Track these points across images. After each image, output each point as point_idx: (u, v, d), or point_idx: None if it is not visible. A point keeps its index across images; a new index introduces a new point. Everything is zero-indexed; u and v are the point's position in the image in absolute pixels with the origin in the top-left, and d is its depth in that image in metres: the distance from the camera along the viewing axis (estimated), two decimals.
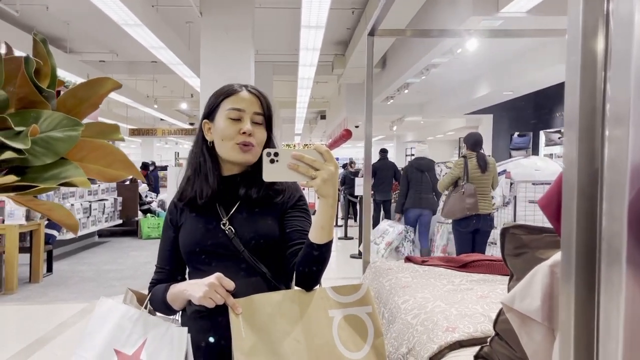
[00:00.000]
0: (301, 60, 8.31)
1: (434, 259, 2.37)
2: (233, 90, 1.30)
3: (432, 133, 18.41)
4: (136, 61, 11.23)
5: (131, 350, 1.17)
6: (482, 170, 4.76)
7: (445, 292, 1.74)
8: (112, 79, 0.81)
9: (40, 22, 8.25)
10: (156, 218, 9.26)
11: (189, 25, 8.36)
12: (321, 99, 16.64)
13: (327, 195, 1.12)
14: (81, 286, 5.58)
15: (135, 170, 0.81)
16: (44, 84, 0.74)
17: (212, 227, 1.28)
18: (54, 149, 0.69)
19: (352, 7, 7.83)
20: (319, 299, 1.20)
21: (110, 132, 0.85)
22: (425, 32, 3.88)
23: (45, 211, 0.83)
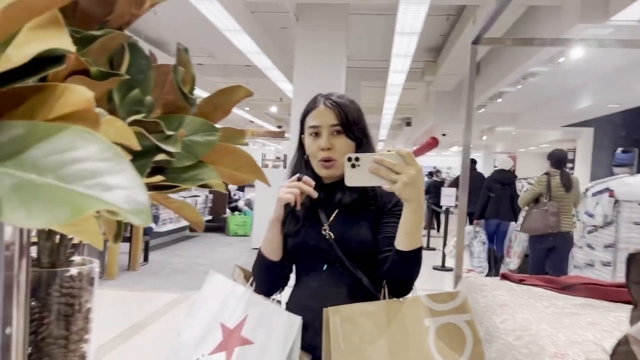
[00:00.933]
0: (392, 67, 8.25)
1: (533, 279, 2.26)
2: (312, 106, 1.34)
3: (523, 145, 17.61)
4: (231, 65, 11.69)
5: (233, 324, 1.21)
6: (567, 190, 4.79)
7: (549, 315, 1.65)
8: (245, 87, 0.85)
9: (148, 26, 8.82)
10: (243, 216, 9.58)
11: (284, 30, 8.58)
12: (407, 106, 16.43)
13: (410, 200, 1.11)
14: (173, 277, 5.89)
15: (261, 175, 0.84)
16: (186, 90, 0.79)
17: (313, 232, 1.32)
18: (194, 152, 0.73)
19: (447, 14, 7.67)
20: (414, 307, 1.18)
21: (237, 137, 0.90)
22: (529, 40, 3.72)
23: (176, 209, 0.88)
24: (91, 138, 0.35)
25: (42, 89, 0.41)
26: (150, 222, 0.33)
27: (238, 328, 1.21)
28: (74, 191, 0.33)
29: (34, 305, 0.71)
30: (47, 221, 0.31)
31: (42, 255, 0.73)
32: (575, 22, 5.02)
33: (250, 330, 1.19)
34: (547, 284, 2.14)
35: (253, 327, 1.20)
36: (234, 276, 1.35)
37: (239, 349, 1.18)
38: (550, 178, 4.86)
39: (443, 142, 13.58)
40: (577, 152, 12.91)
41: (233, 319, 1.23)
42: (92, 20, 0.71)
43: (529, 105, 11.69)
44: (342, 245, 1.28)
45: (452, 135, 16.22)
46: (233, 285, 1.30)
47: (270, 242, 1.30)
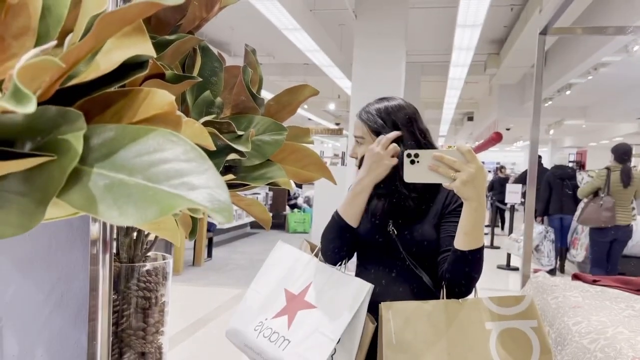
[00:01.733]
0: (453, 60, 8.07)
1: (607, 279, 2.15)
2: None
3: (594, 139, 16.75)
4: (289, 63, 11.82)
5: (298, 290, 1.23)
6: (625, 185, 4.86)
7: (626, 318, 1.56)
8: (310, 86, 0.86)
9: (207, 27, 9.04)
10: (302, 213, 9.67)
11: (342, 27, 8.58)
12: (469, 100, 16.01)
13: (469, 198, 1.07)
14: (236, 273, 6.04)
15: (328, 173, 0.85)
16: (255, 90, 0.81)
17: (380, 228, 1.32)
18: (263, 151, 0.75)
19: (511, 4, 7.41)
20: (475, 309, 1.14)
21: (303, 136, 0.91)
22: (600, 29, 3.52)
23: (245, 206, 0.90)
24: (176, 140, 0.37)
25: (127, 93, 0.43)
26: (232, 219, 0.35)
27: (302, 294, 1.22)
28: (162, 190, 0.35)
29: (114, 298, 0.75)
30: (138, 219, 0.33)
31: (121, 251, 0.77)
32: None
33: (314, 296, 1.20)
34: (623, 285, 2.03)
35: (317, 293, 1.21)
36: (302, 248, 1.38)
37: (300, 313, 1.19)
38: (611, 172, 4.92)
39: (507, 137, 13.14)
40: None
41: (298, 285, 1.25)
42: (166, 26, 0.75)
43: (600, 97, 11.10)
44: (404, 242, 1.28)
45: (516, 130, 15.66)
46: (299, 253, 1.32)
47: (354, 207, 1.28)
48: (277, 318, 1.20)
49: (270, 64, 11.82)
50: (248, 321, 1.23)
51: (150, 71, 0.62)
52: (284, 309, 1.21)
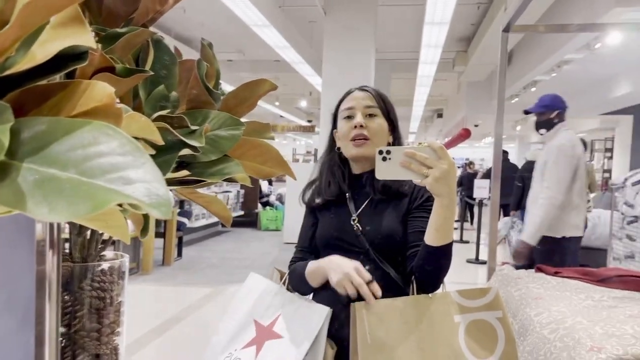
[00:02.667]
0: (422, 58, 8.16)
1: (569, 271, 2.20)
2: (347, 93, 1.38)
3: None
4: (260, 60, 11.75)
5: (267, 321, 1.23)
6: None
7: (584, 308, 1.61)
8: (269, 80, 0.85)
9: (177, 23, 8.94)
10: (274, 211, 9.65)
11: (312, 24, 8.57)
12: (439, 97, 16.21)
13: (441, 195, 1.08)
14: (207, 272, 5.98)
15: (288, 169, 0.84)
16: (211, 85, 0.79)
17: (342, 222, 1.32)
18: (219, 146, 0.73)
19: (478, 2, 7.52)
20: (444, 303, 1.16)
21: (263, 131, 0.90)
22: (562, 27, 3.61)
23: (204, 203, 0.89)
24: (112, 133, 0.36)
25: (65, 85, 0.42)
26: (170, 215, 0.34)
27: (271, 324, 1.23)
28: (96, 185, 0.33)
29: (67, 299, 0.73)
30: (69, 215, 0.32)
31: (73, 251, 0.75)
32: (611, 5, 4.85)
33: (282, 326, 1.21)
34: (583, 277, 2.08)
35: (285, 323, 1.22)
36: (272, 278, 1.37)
37: (268, 343, 1.20)
38: None
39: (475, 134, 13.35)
40: (616, 141, 12.49)
41: (267, 316, 1.25)
42: (118, 18, 0.73)
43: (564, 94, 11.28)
44: (370, 237, 1.28)
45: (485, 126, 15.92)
46: (268, 283, 1.32)
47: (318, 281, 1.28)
48: (246, 348, 1.21)
49: (241, 60, 11.72)
50: (218, 352, 1.24)
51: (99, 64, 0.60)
52: (253, 340, 1.22)
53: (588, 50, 6.53)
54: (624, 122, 11.71)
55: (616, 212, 5.31)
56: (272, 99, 14.57)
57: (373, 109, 1.32)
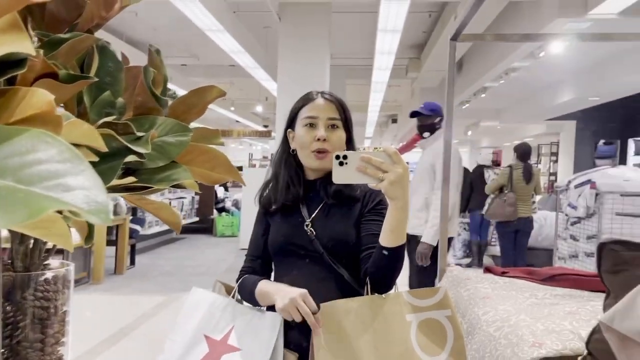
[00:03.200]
0: (376, 64, 8.29)
1: (515, 271, 2.29)
2: (309, 99, 1.36)
3: (508, 139, 17.75)
4: (215, 65, 11.63)
5: (220, 336, 1.23)
6: (527, 182, 5.44)
7: (529, 306, 1.68)
8: (217, 87, 0.86)
9: (129, 27, 8.75)
10: (230, 217, 9.55)
11: (267, 30, 8.57)
12: (393, 103, 16.48)
13: (396, 198, 1.12)
14: (161, 279, 5.86)
15: (236, 174, 0.85)
16: (158, 91, 0.79)
17: (296, 227, 1.33)
18: (166, 153, 0.74)
19: (430, 10, 7.71)
20: (396, 303, 1.19)
21: (212, 137, 0.90)
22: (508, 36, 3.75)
23: (153, 210, 0.88)
24: (51, 140, 0.36)
25: (3, 93, 0.42)
26: (110, 221, 0.34)
27: (225, 338, 1.23)
28: (33, 192, 0.33)
29: (8, 309, 0.71)
30: (4, 223, 0.32)
31: (15, 260, 0.73)
32: (554, 16, 5.08)
33: (237, 339, 1.22)
34: (528, 276, 2.17)
35: (240, 336, 1.22)
36: (216, 291, 1.36)
37: (225, 357, 1.20)
38: (513, 170, 5.48)
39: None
40: (560, 145, 13.05)
41: (219, 330, 1.24)
42: (61, 24, 0.72)
43: (512, 100, 11.80)
44: (324, 241, 1.29)
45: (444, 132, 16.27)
46: (214, 297, 1.30)
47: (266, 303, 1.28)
48: None
49: (195, 65, 11.57)
50: None
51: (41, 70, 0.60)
52: (207, 356, 1.21)
53: (533, 58, 6.80)
54: (568, 127, 12.26)
55: (561, 213, 5.55)
56: (228, 104, 14.44)
57: (335, 121, 1.33)
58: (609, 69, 7.71)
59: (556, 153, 13.30)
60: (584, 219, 5.41)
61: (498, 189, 5.55)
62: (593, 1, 4.87)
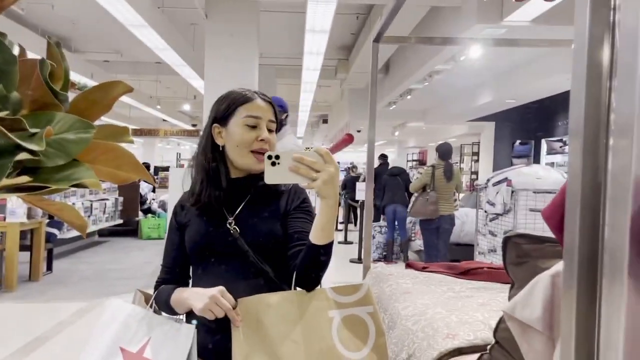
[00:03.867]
0: (305, 64, 8.33)
1: (434, 266, 2.38)
2: (248, 98, 1.34)
3: (433, 139, 18.42)
4: (140, 62, 11.24)
5: (136, 348, 1.19)
6: (447, 180, 5.66)
7: (446, 299, 1.74)
8: (124, 82, 0.82)
9: (45, 21, 8.28)
10: (156, 218, 9.26)
11: (194, 27, 8.38)
12: (324, 103, 16.65)
13: (328, 197, 1.14)
14: (81, 285, 5.58)
15: (145, 173, 0.82)
16: (57, 86, 0.75)
17: (217, 226, 1.31)
18: (66, 150, 0.70)
19: (357, 12, 7.85)
20: (319, 299, 1.21)
21: (120, 135, 0.87)
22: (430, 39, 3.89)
23: (55, 211, 0.84)
24: None
25: None
26: None
27: (141, 350, 1.19)
28: None
29: None
30: None
31: None
32: (473, 22, 5.32)
33: (154, 351, 1.19)
34: (447, 270, 2.26)
35: (157, 348, 1.19)
36: (136, 301, 1.32)
37: None
38: (435, 170, 5.68)
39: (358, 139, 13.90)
40: (481, 145, 13.71)
41: (135, 342, 1.21)
42: None
43: (436, 102, 12.25)
44: (247, 239, 1.28)
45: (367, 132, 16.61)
46: (132, 308, 1.27)
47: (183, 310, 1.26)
48: None
49: (118, 61, 11.13)
50: None
51: None
52: None
53: (454, 62, 7.09)
54: (488, 127, 12.89)
55: (481, 210, 5.83)
56: (154, 103, 13.99)
57: (273, 125, 1.34)
58: (524, 73, 8.18)
59: (477, 153, 13.95)
60: (502, 215, 5.72)
61: (421, 188, 5.73)
62: (508, 9, 5.14)
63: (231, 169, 1.35)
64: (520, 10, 5.00)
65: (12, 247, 5.24)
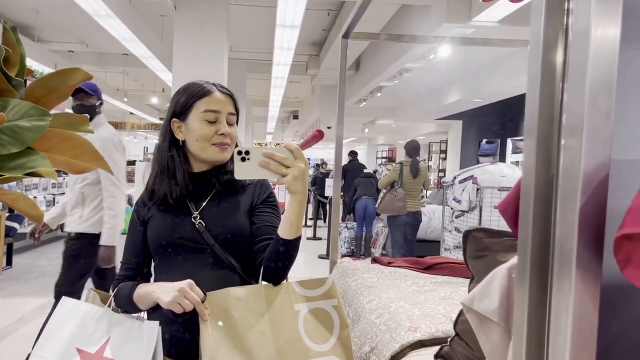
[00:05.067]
0: (275, 59, 8.29)
1: (400, 261, 2.40)
2: (206, 91, 1.31)
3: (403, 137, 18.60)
4: (106, 53, 10.99)
5: (94, 348, 1.16)
6: (414, 177, 5.73)
7: (410, 293, 1.77)
8: (82, 69, 0.81)
9: (7, 9, 8.02)
10: None
11: (163, 18, 8.24)
12: (294, 99, 16.61)
13: (297, 192, 1.15)
14: (41, 281, 5.44)
15: (103, 163, 0.80)
16: (12, 72, 0.73)
17: (181, 221, 1.30)
18: (20, 138, 0.68)
19: (328, 8, 7.85)
20: (285, 293, 1.22)
21: (79, 124, 0.85)
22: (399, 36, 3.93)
23: (9, 201, 0.81)
24: None
25: None
26: None
27: (100, 351, 1.17)
28: None
29: None
30: None
31: None
32: (442, 21, 5.39)
33: (115, 351, 1.16)
34: (412, 265, 2.29)
35: (117, 347, 1.17)
36: (89, 300, 1.28)
37: None
38: (403, 167, 5.74)
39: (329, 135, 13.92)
40: (449, 143, 13.92)
41: (93, 342, 1.18)
42: None
43: (406, 99, 12.37)
44: (214, 233, 1.28)
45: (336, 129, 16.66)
46: (89, 307, 1.23)
47: (147, 305, 1.24)
48: None
49: (84, 52, 10.85)
50: None
51: None
52: None
53: (423, 60, 7.16)
54: (455, 126, 13.09)
55: (447, 207, 5.92)
56: (121, 95, 13.71)
57: (233, 117, 1.32)
58: (491, 73, 8.33)
59: (445, 151, 14.16)
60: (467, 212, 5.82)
61: (389, 185, 5.78)
62: (476, 9, 5.23)
63: (193, 163, 1.34)
64: (488, 10, 5.10)
65: None
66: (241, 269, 1.29)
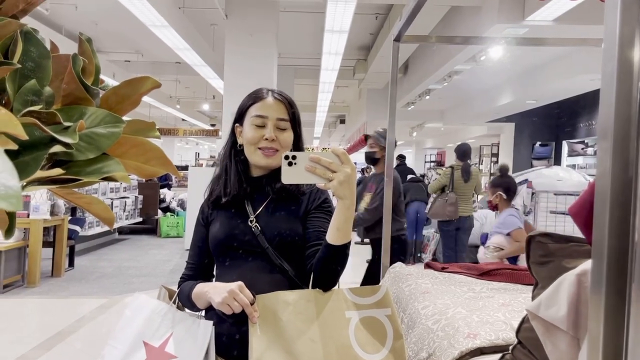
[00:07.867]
0: (323, 65, 8.33)
1: (454, 266, 2.36)
2: (259, 97, 1.36)
3: (452, 140, 18.28)
4: (160, 61, 11.38)
5: (158, 342, 1.21)
6: (465, 181, 5.59)
7: (466, 299, 1.73)
8: (152, 78, 0.84)
9: (69, 21, 8.42)
10: (175, 217, 9.35)
11: (214, 27, 8.45)
12: (341, 104, 16.65)
13: (344, 197, 1.14)
14: (101, 282, 5.66)
15: (172, 167, 0.83)
16: (89, 81, 0.77)
17: (239, 224, 1.32)
18: (97, 144, 0.71)
19: (376, 12, 7.83)
20: (336, 300, 1.21)
21: (147, 130, 0.88)
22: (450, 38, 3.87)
23: (84, 204, 0.85)
24: None
25: None
26: (20, 207, 0.33)
27: (163, 345, 1.22)
28: None
29: None
30: None
31: None
32: (493, 22, 5.27)
33: (175, 346, 1.21)
34: (466, 271, 2.24)
35: (178, 343, 1.21)
36: (160, 297, 1.34)
37: None
38: (454, 171, 5.62)
39: None
40: (501, 146, 13.57)
41: (157, 336, 1.23)
42: None
43: (455, 102, 12.16)
44: (268, 236, 1.29)
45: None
46: (156, 304, 1.29)
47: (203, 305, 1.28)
48: None
49: (139, 61, 11.28)
50: None
51: None
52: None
53: (474, 62, 7.03)
54: (507, 129, 12.74)
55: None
56: (174, 102, 14.14)
57: (284, 123, 1.34)
58: (544, 74, 8.08)
59: (497, 154, 13.80)
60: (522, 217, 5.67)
61: (440, 189, 5.68)
62: (530, 8, 5.09)
63: (252, 167, 1.38)
64: (543, 9, 4.95)
65: (35, 243, 5.34)
66: (294, 273, 1.30)
